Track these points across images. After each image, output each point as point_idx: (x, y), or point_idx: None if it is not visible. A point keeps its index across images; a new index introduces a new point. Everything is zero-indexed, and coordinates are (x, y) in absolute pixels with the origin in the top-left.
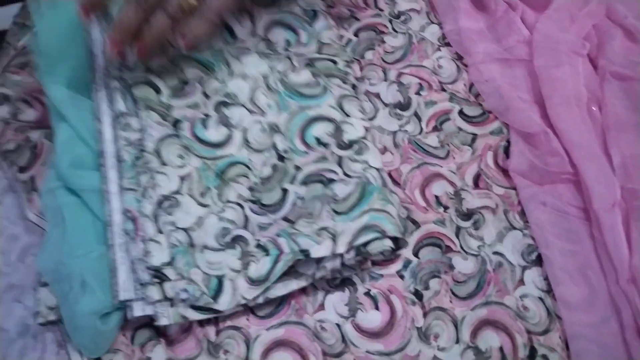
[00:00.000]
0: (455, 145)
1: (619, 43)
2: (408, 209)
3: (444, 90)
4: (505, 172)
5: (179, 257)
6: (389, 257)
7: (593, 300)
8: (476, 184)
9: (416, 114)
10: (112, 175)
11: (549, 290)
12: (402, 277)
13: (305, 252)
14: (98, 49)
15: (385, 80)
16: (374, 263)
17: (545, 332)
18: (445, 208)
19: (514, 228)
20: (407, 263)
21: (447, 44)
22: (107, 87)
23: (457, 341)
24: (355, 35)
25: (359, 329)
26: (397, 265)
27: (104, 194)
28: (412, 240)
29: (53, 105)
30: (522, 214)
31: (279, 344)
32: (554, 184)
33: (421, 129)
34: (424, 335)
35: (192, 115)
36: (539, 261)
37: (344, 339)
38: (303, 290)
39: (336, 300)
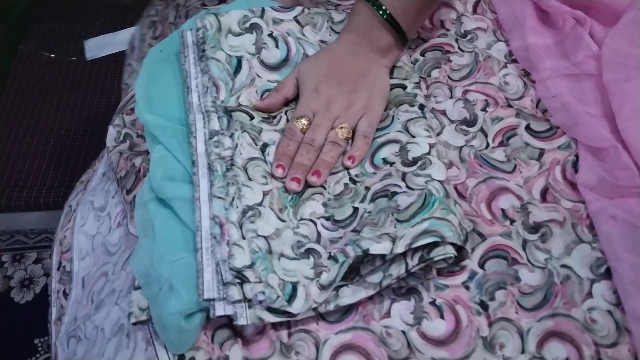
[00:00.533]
0: (523, 159)
1: None
2: (474, 221)
3: (510, 106)
4: (573, 186)
5: (259, 262)
6: (454, 269)
7: None
8: (544, 198)
9: (482, 130)
10: (203, 184)
11: (618, 304)
12: (467, 287)
13: (365, 250)
14: (192, 82)
15: (452, 97)
16: (439, 274)
17: (614, 345)
18: (512, 221)
19: (583, 241)
20: (473, 274)
21: (514, 61)
22: (202, 112)
23: (523, 351)
24: (422, 55)
25: (424, 336)
26: (462, 277)
27: (195, 201)
28: (478, 252)
29: (148, 130)
30: (591, 227)
31: (346, 347)
32: (624, 198)
33: (487, 144)
34: (489, 345)
35: (277, 139)
36: (608, 275)
37: (409, 345)
38: (370, 299)
39: (402, 309)
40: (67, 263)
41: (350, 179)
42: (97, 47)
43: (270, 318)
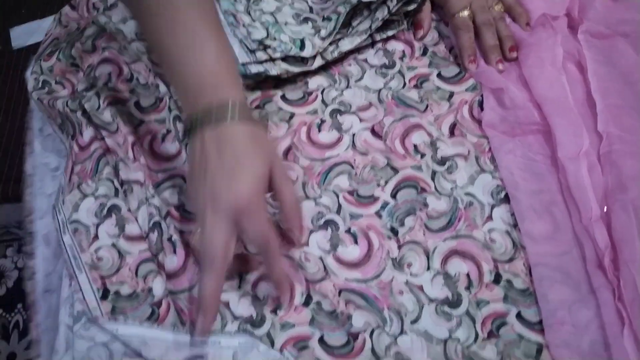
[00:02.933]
0: (434, 100)
1: (601, 3)
2: (388, 157)
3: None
4: (479, 123)
5: (270, 27)
6: None
7: (557, 235)
8: (452, 133)
9: (400, 72)
10: None
11: (515, 225)
12: (380, 216)
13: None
14: None
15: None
16: (356, 204)
17: (510, 260)
18: (422, 155)
19: (485, 171)
20: (385, 204)
21: None
22: None
23: (428, 268)
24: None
25: (339, 260)
26: (375, 207)
27: None
28: (391, 184)
29: None
30: (493, 159)
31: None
32: (524, 135)
33: (405, 84)
34: (398, 264)
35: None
36: (506, 200)
37: (325, 268)
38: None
39: (320, 238)
40: (30, 225)
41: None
42: (24, 35)
43: (292, 69)
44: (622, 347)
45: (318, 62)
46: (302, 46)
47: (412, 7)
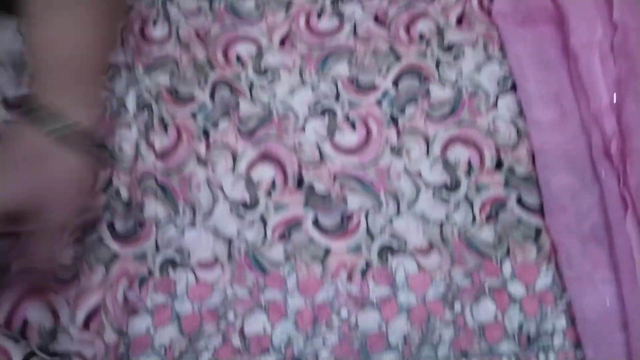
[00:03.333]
0: None
1: None
2: (391, 42)
3: None
4: (489, 13)
5: None
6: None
7: (564, 122)
8: (459, 22)
9: None
10: None
11: (521, 113)
12: (380, 104)
13: None
14: None
15: None
16: (356, 92)
17: (513, 147)
18: (428, 43)
19: (492, 60)
20: (386, 92)
21: None
22: None
23: (428, 155)
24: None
25: (336, 146)
26: (376, 95)
27: None
28: (393, 72)
29: None
30: (502, 49)
31: (261, 157)
32: (536, 25)
33: None
34: (397, 151)
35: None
36: (513, 89)
37: (321, 154)
38: (286, 118)
39: (317, 125)
40: None
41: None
42: None
43: None
44: (624, 230)
45: None
46: None
47: None
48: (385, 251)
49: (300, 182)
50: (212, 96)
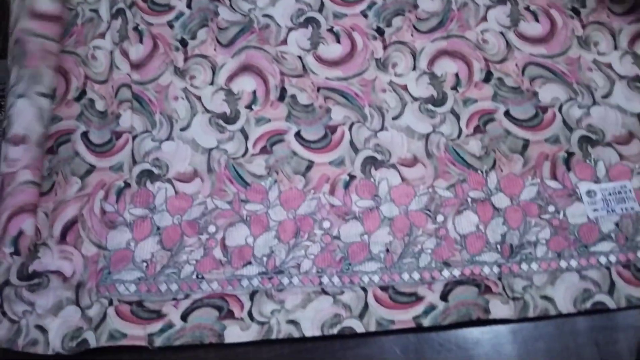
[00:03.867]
0: None
1: None
2: None
3: None
4: None
5: None
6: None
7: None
8: None
9: None
10: None
11: (510, 27)
12: (365, 16)
13: None
14: None
15: None
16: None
17: (503, 60)
18: None
19: None
20: (372, 4)
21: None
22: None
23: (414, 68)
24: None
25: (319, 59)
26: (362, 6)
27: None
28: None
29: None
30: None
31: (241, 68)
32: None
33: None
34: (382, 65)
35: None
36: (503, 1)
37: (304, 67)
38: (268, 27)
39: (299, 35)
40: None
41: None
42: None
43: None
44: None
45: None
46: None
47: None
48: (369, 164)
49: (282, 94)
50: (189, 5)
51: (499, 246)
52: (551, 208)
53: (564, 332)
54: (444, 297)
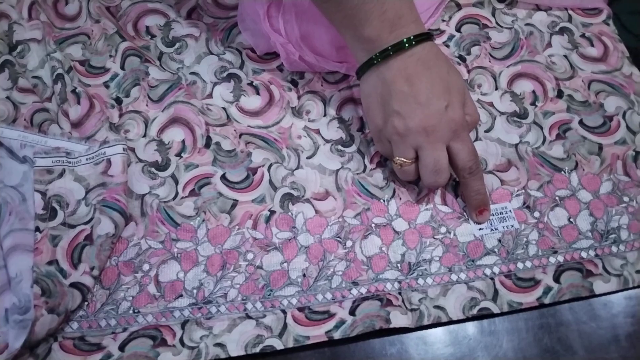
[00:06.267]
0: None
1: None
2: None
3: None
4: None
5: None
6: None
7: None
8: None
9: None
10: None
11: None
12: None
13: None
14: None
15: None
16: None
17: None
18: None
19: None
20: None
21: None
22: None
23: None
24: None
25: (241, 110)
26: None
27: None
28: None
29: None
30: None
31: (171, 121)
32: None
33: None
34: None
35: None
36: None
37: (228, 117)
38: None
39: (222, 90)
40: None
41: None
42: None
43: None
44: None
45: None
46: None
47: None
48: (287, 199)
49: (208, 142)
50: (122, 66)
51: (398, 264)
52: (443, 229)
53: (458, 337)
54: (352, 312)
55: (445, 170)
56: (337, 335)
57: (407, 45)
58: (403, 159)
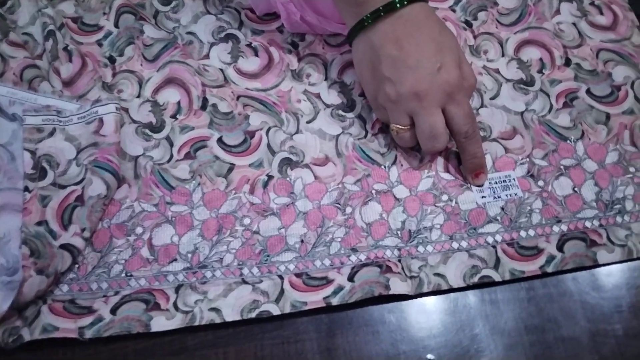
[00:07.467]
0: None
1: None
2: None
3: None
4: None
5: None
6: None
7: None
8: None
9: None
10: None
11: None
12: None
13: None
14: None
15: None
16: None
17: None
18: None
19: None
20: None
21: None
22: None
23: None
24: None
25: (239, 71)
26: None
27: None
28: None
29: None
30: None
31: (166, 81)
32: None
33: None
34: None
35: None
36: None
37: (225, 78)
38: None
39: (220, 51)
40: None
41: None
42: None
43: None
44: None
45: None
46: None
47: None
48: (285, 164)
49: (204, 103)
50: (116, 24)
51: (399, 232)
52: (444, 197)
53: (458, 306)
54: (350, 278)
55: (442, 135)
56: (335, 301)
57: (398, 5)
58: (399, 126)
